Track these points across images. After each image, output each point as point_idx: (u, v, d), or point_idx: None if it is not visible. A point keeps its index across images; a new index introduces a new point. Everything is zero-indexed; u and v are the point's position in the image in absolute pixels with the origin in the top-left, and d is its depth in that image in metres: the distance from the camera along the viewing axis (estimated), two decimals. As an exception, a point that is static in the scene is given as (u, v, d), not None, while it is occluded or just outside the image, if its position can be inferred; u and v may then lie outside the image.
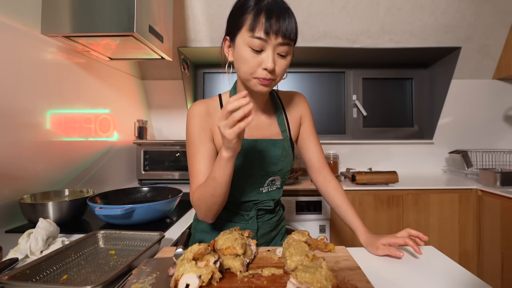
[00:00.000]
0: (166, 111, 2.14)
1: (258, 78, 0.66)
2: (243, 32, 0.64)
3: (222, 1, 1.67)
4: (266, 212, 0.82)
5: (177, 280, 0.48)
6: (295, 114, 0.86)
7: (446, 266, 0.63)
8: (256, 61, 0.64)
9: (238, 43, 0.66)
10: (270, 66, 0.63)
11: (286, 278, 0.53)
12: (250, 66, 0.65)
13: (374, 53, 1.99)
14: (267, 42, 0.62)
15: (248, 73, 0.66)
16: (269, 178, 0.79)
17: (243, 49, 0.65)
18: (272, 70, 0.64)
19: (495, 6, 1.73)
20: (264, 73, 0.65)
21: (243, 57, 0.65)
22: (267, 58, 0.63)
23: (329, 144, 2.16)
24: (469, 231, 1.62)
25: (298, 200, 1.58)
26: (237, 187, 0.76)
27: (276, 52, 0.64)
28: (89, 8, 1.07)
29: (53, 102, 1.19)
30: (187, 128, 0.75)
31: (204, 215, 0.71)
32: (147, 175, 1.73)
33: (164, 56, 1.36)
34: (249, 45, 0.63)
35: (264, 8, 0.62)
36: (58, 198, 1.10)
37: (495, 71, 2.00)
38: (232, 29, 0.68)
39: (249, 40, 0.63)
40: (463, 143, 2.12)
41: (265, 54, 0.64)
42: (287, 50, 0.65)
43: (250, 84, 0.69)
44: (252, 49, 0.64)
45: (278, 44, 0.63)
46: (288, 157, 0.81)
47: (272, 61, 0.63)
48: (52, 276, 0.57)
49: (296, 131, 0.86)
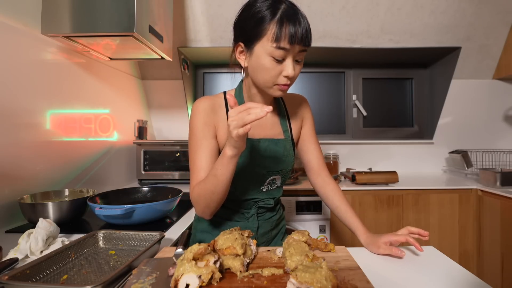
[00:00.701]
0: (166, 111, 2.14)
1: (279, 85, 0.68)
2: (264, 42, 0.64)
3: (222, 1, 1.67)
4: (267, 210, 0.83)
5: (177, 280, 0.48)
6: (297, 116, 0.87)
7: (446, 266, 0.63)
8: (277, 69, 0.66)
9: (258, 52, 0.66)
10: (291, 73, 0.66)
11: (286, 278, 0.53)
12: (271, 75, 0.67)
13: (374, 53, 1.99)
14: (289, 51, 0.64)
15: (269, 81, 0.68)
16: (270, 177, 0.79)
17: (264, 58, 0.65)
18: (293, 77, 0.67)
19: (495, 6, 1.74)
20: (284, 80, 0.67)
21: (264, 66, 0.66)
22: (288, 66, 0.65)
23: (329, 144, 2.16)
24: (469, 231, 1.62)
25: (298, 200, 1.58)
26: (238, 185, 0.76)
27: (295, 59, 0.67)
28: (89, 8, 1.07)
29: (53, 102, 1.19)
30: (190, 123, 0.75)
31: (202, 212, 0.72)
32: (147, 175, 1.73)
33: (164, 56, 1.36)
34: (271, 54, 0.64)
35: (285, 17, 0.63)
36: (58, 198, 1.10)
37: (495, 71, 2.00)
38: (249, 37, 0.67)
39: (272, 50, 0.64)
40: (463, 143, 2.12)
41: (286, 62, 0.66)
42: (304, 56, 0.69)
43: (269, 91, 0.70)
44: (273, 58, 0.65)
45: (298, 51, 0.66)
46: (289, 157, 0.81)
47: (292, 68, 0.66)
48: (52, 276, 0.57)
49: (297, 133, 0.87)
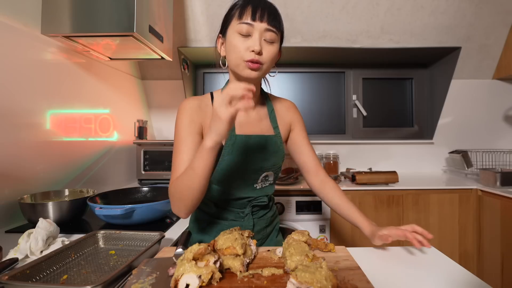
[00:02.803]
0: (166, 111, 2.14)
1: (247, 61, 0.69)
2: (233, 23, 0.71)
3: (222, 1, 1.67)
4: (261, 208, 0.83)
5: (177, 280, 0.48)
6: (284, 118, 0.87)
7: (446, 266, 0.63)
8: (245, 45, 0.69)
9: (229, 34, 0.72)
10: (257, 48, 0.68)
11: (286, 278, 0.53)
12: (239, 50, 0.70)
13: (374, 53, 1.99)
14: (254, 26, 0.69)
15: (238, 57, 0.70)
16: (263, 174, 0.80)
17: (233, 36, 0.71)
18: (259, 52, 0.69)
19: (495, 6, 1.73)
20: (251, 54, 0.69)
21: (232, 44, 0.70)
22: (254, 41, 0.69)
23: (329, 144, 2.16)
24: (469, 231, 1.62)
25: (298, 200, 1.58)
26: (231, 184, 0.76)
27: (263, 38, 0.70)
28: (89, 8, 1.07)
29: (53, 102, 1.19)
30: (176, 121, 0.75)
31: (177, 208, 0.68)
32: (147, 175, 1.73)
33: (164, 56, 1.36)
34: (238, 31, 0.69)
35: (250, 1, 0.70)
36: (58, 198, 1.10)
37: (495, 71, 2.00)
38: (223, 24, 0.75)
39: (238, 27, 0.69)
40: (463, 143, 2.11)
41: (252, 38, 0.69)
42: (273, 37, 0.70)
43: (239, 69, 0.72)
44: (240, 35, 0.69)
45: (265, 29, 0.69)
46: (279, 152, 0.82)
47: (259, 43, 0.68)
48: (52, 276, 0.57)
49: (285, 134, 0.87)
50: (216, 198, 0.79)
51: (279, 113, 0.86)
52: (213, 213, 0.81)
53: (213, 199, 0.80)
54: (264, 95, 0.87)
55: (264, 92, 0.88)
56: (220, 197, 0.79)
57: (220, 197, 0.79)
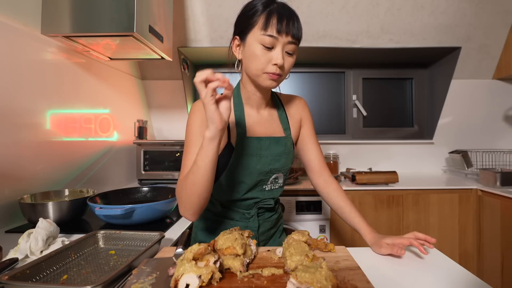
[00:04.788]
0: (166, 111, 2.14)
1: (268, 73, 0.69)
2: (255, 31, 0.69)
3: (222, 1, 1.67)
4: (266, 210, 0.84)
5: (177, 280, 0.48)
6: (295, 116, 0.87)
7: (446, 266, 0.63)
8: (267, 57, 0.69)
9: (250, 41, 0.70)
10: (280, 61, 0.68)
11: (286, 278, 0.53)
12: (261, 62, 0.69)
13: (374, 53, 1.99)
14: (278, 40, 0.67)
15: (259, 68, 0.70)
16: (273, 176, 0.80)
17: (255, 46, 0.69)
18: (281, 65, 0.69)
19: (495, 6, 1.73)
20: (274, 68, 0.69)
21: (254, 54, 0.69)
22: (277, 54, 0.68)
23: (329, 144, 2.16)
24: (469, 231, 1.62)
25: (298, 200, 1.58)
26: (240, 185, 0.77)
27: (285, 50, 0.69)
28: (89, 8, 1.07)
29: (53, 102, 1.19)
30: (188, 121, 0.75)
31: (184, 208, 0.68)
32: (147, 175, 1.73)
33: (164, 56, 1.36)
34: (261, 42, 0.68)
35: (275, 10, 0.68)
36: (58, 198, 1.10)
37: (495, 71, 2.00)
38: (243, 29, 0.72)
39: (261, 38, 0.68)
40: (463, 143, 2.12)
41: (275, 51, 0.68)
42: (294, 49, 0.70)
43: (259, 79, 0.72)
44: (263, 46, 0.68)
45: (287, 42, 0.68)
46: (290, 154, 0.82)
47: (281, 57, 0.68)
48: (52, 276, 0.57)
49: (296, 133, 0.87)
50: (224, 198, 0.79)
51: (289, 113, 0.86)
52: (219, 212, 0.82)
53: (220, 199, 0.81)
54: (274, 96, 0.87)
55: (274, 93, 0.88)
56: (227, 197, 0.79)
57: (227, 197, 0.79)
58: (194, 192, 0.65)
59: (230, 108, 0.62)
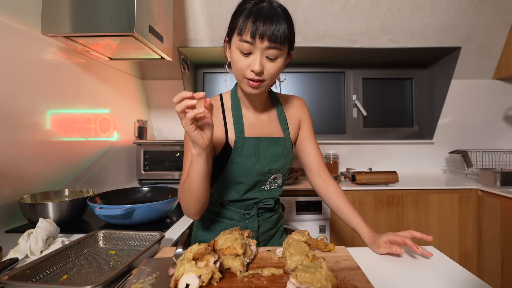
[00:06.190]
0: (166, 111, 2.14)
1: (248, 79, 0.68)
2: (235, 35, 0.67)
3: (222, 1, 1.67)
4: (266, 210, 0.84)
5: (177, 280, 0.48)
6: (294, 116, 0.87)
7: (446, 266, 0.63)
8: (245, 63, 0.67)
9: (232, 45, 0.69)
10: (257, 68, 0.65)
11: (286, 278, 0.53)
12: (240, 68, 0.68)
13: (374, 53, 1.99)
14: (254, 45, 0.64)
15: (239, 74, 0.69)
16: (272, 176, 0.80)
17: (234, 51, 0.68)
18: (259, 72, 0.66)
19: (495, 6, 1.73)
20: (252, 74, 0.67)
21: (234, 59, 0.68)
22: (254, 60, 0.66)
23: (329, 144, 2.16)
24: (469, 231, 1.62)
25: (298, 200, 1.58)
26: (239, 185, 0.77)
27: (265, 55, 0.66)
28: (89, 8, 1.07)
29: (53, 102, 1.19)
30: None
31: (185, 210, 0.73)
32: (147, 175, 1.73)
33: (164, 56, 1.36)
34: (239, 48, 0.66)
35: (254, 12, 0.64)
36: (58, 198, 1.10)
37: (495, 71, 2.00)
38: (229, 31, 0.71)
39: (239, 43, 0.66)
40: (463, 143, 2.12)
41: (253, 57, 0.66)
42: (276, 53, 0.66)
43: (242, 84, 0.71)
44: (241, 52, 0.66)
45: (266, 47, 0.64)
46: (289, 154, 0.82)
47: (259, 63, 0.65)
48: (52, 276, 0.57)
49: (295, 133, 0.87)
50: (223, 198, 0.80)
51: (288, 113, 0.86)
52: (219, 212, 0.82)
53: (219, 199, 0.81)
54: (273, 96, 0.87)
55: (273, 93, 0.87)
56: (226, 197, 0.79)
57: (226, 198, 0.79)
58: (191, 198, 0.69)
59: (212, 124, 0.61)
